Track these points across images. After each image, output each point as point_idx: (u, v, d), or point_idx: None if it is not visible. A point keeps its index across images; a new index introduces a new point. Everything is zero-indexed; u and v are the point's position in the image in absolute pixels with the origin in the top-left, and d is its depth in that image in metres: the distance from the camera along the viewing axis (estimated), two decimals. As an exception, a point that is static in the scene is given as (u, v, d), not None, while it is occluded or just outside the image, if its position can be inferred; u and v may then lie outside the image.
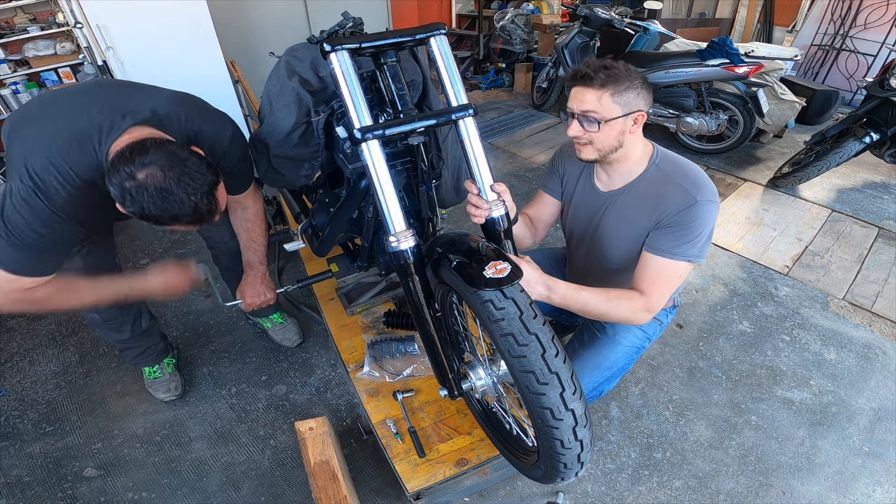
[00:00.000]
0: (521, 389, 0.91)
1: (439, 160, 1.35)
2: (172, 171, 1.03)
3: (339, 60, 0.98)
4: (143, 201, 1.02)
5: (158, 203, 1.03)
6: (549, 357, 0.88)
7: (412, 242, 1.03)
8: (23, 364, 2.11)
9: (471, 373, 1.22)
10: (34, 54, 3.24)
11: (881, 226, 2.93)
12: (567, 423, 0.89)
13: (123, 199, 1.03)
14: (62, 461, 1.72)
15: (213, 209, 1.12)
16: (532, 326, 0.89)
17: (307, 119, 1.30)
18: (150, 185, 1.01)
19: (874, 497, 1.59)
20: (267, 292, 1.66)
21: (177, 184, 1.03)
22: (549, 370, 0.87)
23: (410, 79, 1.29)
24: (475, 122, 1.08)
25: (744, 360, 2.06)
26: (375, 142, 0.99)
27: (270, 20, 4.32)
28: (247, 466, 1.70)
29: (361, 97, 0.99)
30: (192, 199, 1.05)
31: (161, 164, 1.03)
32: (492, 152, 3.95)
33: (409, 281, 1.07)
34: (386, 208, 1.02)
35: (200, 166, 1.08)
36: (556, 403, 0.87)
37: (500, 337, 0.89)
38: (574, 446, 0.91)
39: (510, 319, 0.89)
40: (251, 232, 1.59)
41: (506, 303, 0.90)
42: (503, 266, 0.92)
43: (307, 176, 1.43)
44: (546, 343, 0.88)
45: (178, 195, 1.03)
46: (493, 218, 1.11)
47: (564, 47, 3.97)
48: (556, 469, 0.97)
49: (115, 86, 1.36)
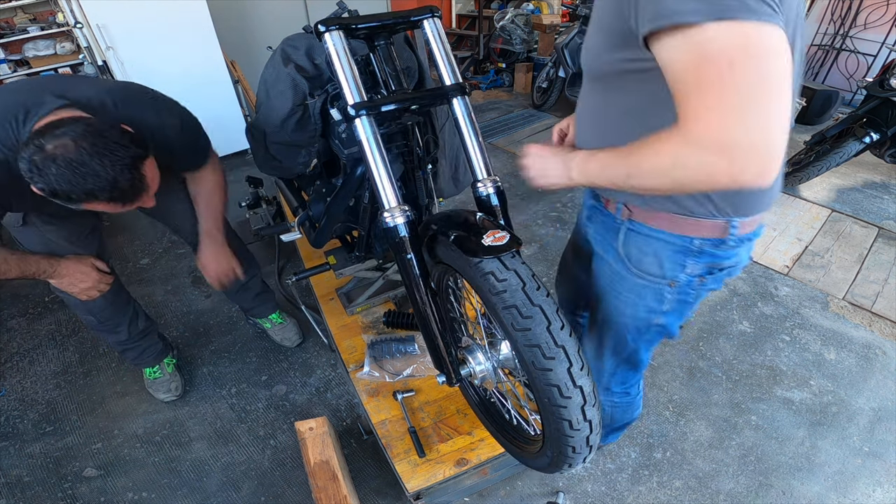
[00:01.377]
0: (526, 367, 0.88)
1: (435, 145, 1.36)
2: (86, 141, 0.94)
3: (333, 40, 1.01)
4: (51, 174, 0.93)
5: (67, 176, 0.93)
6: (554, 330, 0.85)
7: (407, 217, 1.04)
8: (23, 364, 2.11)
9: (469, 357, 1.18)
10: (34, 54, 3.25)
11: (881, 226, 2.93)
12: (576, 401, 0.86)
13: (31, 175, 0.94)
14: (62, 461, 1.72)
15: (138, 186, 1.03)
16: (536, 298, 0.86)
17: (303, 103, 1.32)
18: (59, 157, 0.92)
19: (874, 497, 1.59)
20: (231, 260, 1.61)
21: (91, 156, 0.94)
22: (554, 343, 0.85)
23: (405, 66, 1.32)
24: (468, 102, 1.11)
25: (744, 360, 2.06)
26: (369, 118, 1.01)
27: (270, 20, 4.32)
28: (247, 466, 1.70)
29: (355, 74, 1.02)
30: (110, 173, 0.96)
31: (74, 136, 0.94)
32: (492, 152, 3.95)
33: (404, 257, 1.07)
34: (379, 183, 1.03)
35: (122, 138, 0.99)
36: (564, 380, 0.85)
37: (503, 310, 0.86)
38: (583, 427, 0.88)
39: (512, 291, 0.86)
40: (209, 200, 1.54)
41: (507, 274, 0.87)
42: (501, 234, 0.91)
43: (304, 163, 1.44)
44: (551, 315, 0.86)
45: (91, 167, 0.94)
46: (487, 194, 1.12)
47: (564, 47, 3.97)
48: (565, 454, 0.94)
49: (59, 77, 1.34)
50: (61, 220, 1.45)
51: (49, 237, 1.44)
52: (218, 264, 1.61)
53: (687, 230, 0.87)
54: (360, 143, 1.02)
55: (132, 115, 1.19)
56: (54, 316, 2.35)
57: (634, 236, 0.94)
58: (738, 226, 0.85)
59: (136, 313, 1.75)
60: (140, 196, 1.07)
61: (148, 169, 1.06)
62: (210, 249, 1.60)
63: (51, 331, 2.27)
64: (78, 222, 1.50)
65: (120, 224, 3.06)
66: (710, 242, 0.88)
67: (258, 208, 2.48)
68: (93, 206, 1.03)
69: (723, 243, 0.87)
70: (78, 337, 2.24)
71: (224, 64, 3.28)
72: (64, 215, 1.45)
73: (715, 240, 0.87)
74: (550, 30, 5.07)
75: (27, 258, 1.37)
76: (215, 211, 1.58)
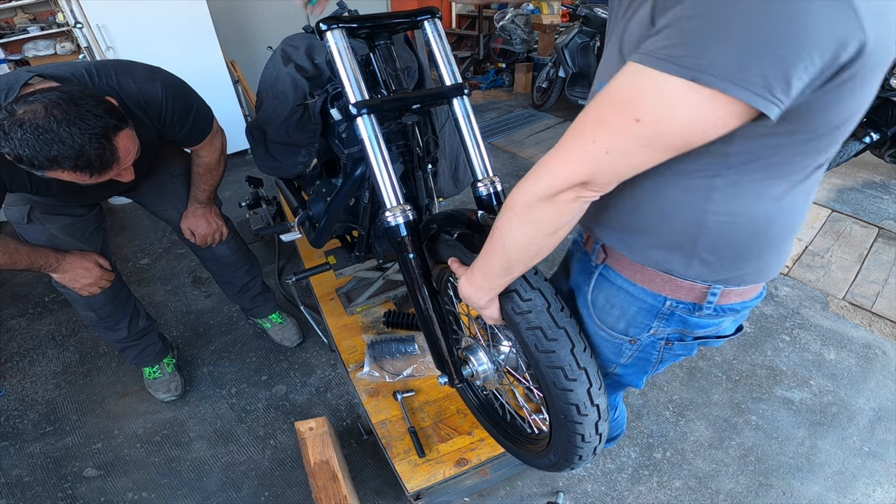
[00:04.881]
0: (545, 385, 0.89)
1: (435, 145, 1.37)
2: (57, 108, 0.92)
3: (335, 38, 1.01)
4: (16, 139, 0.91)
5: (31, 141, 0.92)
6: (577, 352, 0.85)
7: (408, 216, 1.04)
8: (23, 364, 2.11)
9: (472, 357, 1.18)
10: (34, 54, 3.25)
11: (881, 226, 2.93)
12: (591, 418, 0.88)
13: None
14: (62, 461, 1.72)
15: (108, 157, 1.01)
16: (561, 320, 0.85)
17: (303, 103, 1.32)
18: (26, 122, 0.91)
19: (874, 497, 1.59)
20: (217, 220, 1.63)
21: (59, 123, 0.92)
22: (577, 366, 0.85)
23: (406, 66, 1.32)
24: (468, 102, 1.12)
25: (744, 360, 2.06)
26: (370, 116, 1.01)
27: (270, 20, 4.32)
28: (247, 466, 1.70)
29: (357, 73, 1.02)
30: (77, 141, 0.94)
31: (45, 102, 0.92)
32: (492, 152, 3.95)
33: (405, 256, 1.07)
34: (381, 182, 1.03)
35: (96, 108, 0.97)
36: (583, 399, 0.86)
37: (527, 330, 0.85)
38: (594, 440, 0.91)
39: (538, 312, 0.84)
40: (202, 177, 1.57)
41: (532, 293, 0.85)
42: None
43: (304, 163, 1.45)
44: (574, 338, 0.86)
45: (58, 134, 0.92)
46: (487, 193, 1.12)
47: (564, 47, 3.97)
48: (570, 461, 0.96)
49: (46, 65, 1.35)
50: (65, 214, 1.46)
51: (53, 233, 1.45)
52: (207, 225, 1.64)
53: (659, 287, 0.77)
54: (361, 141, 1.02)
55: (112, 84, 1.18)
56: (54, 316, 2.35)
57: (605, 284, 0.85)
58: (718, 294, 0.74)
59: (136, 311, 1.75)
60: (110, 167, 1.04)
61: (122, 141, 1.03)
62: (200, 211, 1.63)
63: (51, 331, 2.27)
64: (82, 218, 1.51)
65: (120, 224, 3.06)
66: (684, 306, 0.77)
67: (258, 208, 2.48)
68: (58, 174, 1.00)
69: (698, 309, 0.77)
70: (78, 337, 2.23)
71: (224, 64, 3.28)
72: (66, 210, 1.46)
73: (689, 304, 0.77)
74: (550, 30, 5.07)
75: (37, 249, 1.39)
76: (208, 186, 1.60)
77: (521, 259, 0.76)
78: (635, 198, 0.72)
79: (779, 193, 0.66)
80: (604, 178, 0.61)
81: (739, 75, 0.49)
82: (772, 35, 0.47)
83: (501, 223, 0.73)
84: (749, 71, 0.49)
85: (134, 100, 1.21)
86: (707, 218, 0.68)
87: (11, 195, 1.34)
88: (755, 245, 0.71)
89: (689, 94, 0.51)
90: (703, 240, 0.70)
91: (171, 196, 1.65)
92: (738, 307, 0.79)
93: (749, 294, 0.78)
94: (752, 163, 0.62)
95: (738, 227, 0.68)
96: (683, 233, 0.70)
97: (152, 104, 1.25)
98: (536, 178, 0.65)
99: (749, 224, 0.68)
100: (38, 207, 1.41)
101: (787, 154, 0.62)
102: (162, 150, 1.51)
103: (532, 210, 0.66)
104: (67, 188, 1.28)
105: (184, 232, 1.67)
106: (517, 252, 0.74)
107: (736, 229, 0.69)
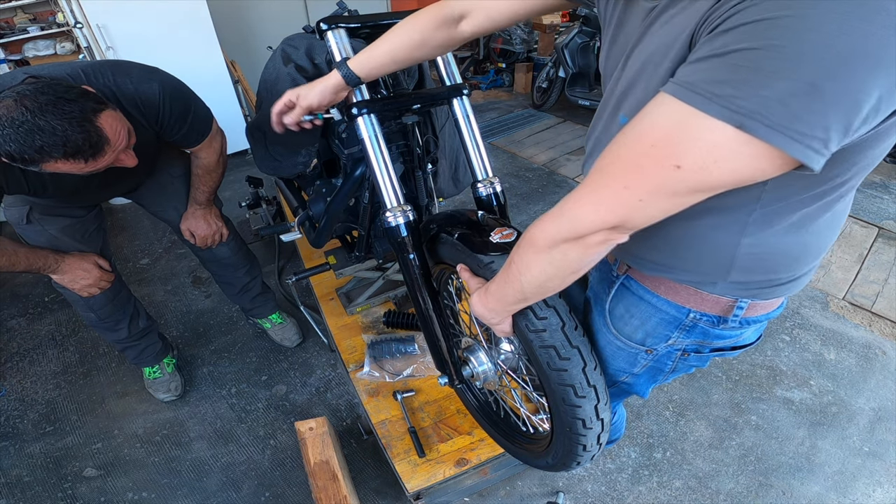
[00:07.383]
0: (552, 399, 0.89)
1: (435, 145, 1.37)
2: (28, 99, 0.92)
3: (335, 38, 1.02)
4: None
5: (12, 135, 0.91)
6: (589, 370, 0.85)
7: (409, 217, 1.04)
8: (23, 364, 2.11)
9: (472, 358, 1.17)
10: (34, 54, 3.25)
11: (881, 226, 2.93)
12: (595, 431, 0.88)
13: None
14: (62, 461, 1.72)
15: (95, 140, 0.99)
16: (574, 339, 0.85)
17: None
18: (2, 118, 0.91)
19: (874, 497, 1.59)
20: (217, 221, 1.64)
21: (33, 113, 0.91)
22: (587, 384, 0.85)
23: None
24: (468, 102, 1.12)
25: (744, 359, 2.06)
26: (370, 116, 1.01)
27: (270, 20, 4.32)
28: (247, 466, 1.70)
29: None
30: (57, 128, 0.93)
31: (14, 96, 0.92)
32: (492, 152, 3.95)
33: (406, 257, 1.07)
34: (382, 182, 1.03)
35: (68, 93, 0.96)
36: (590, 415, 0.86)
37: (540, 348, 0.85)
38: (594, 449, 0.92)
39: (552, 331, 0.83)
40: (201, 179, 1.57)
41: (547, 312, 0.84)
42: (509, 231, 0.90)
43: (304, 163, 1.45)
44: (587, 356, 0.85)
45: (35, 123, 0.92)
46: (487, 194, 1.13)
47: (564, 47, 3.97)
48: (568, 466, 0.98)
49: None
50: (64, 215, 1.46)
51: (53, 234, 1.45)
52: (207, 226, 1.64)
53: (684, 300, 0.75)
54: (361, 141, 1.02)
55: (109, 84, 1.17)
56: (54, 316, 2.35)
57: (626, 294, 0.83)
58: (745, 307, 0.73)
59: (136, 311, 1.75)
60: (102, 150, 1.02)
61: (105, 121, 1.01)
62: (199, 212, 1.64)
63: (51, 331, 2.27)
64: (82, 219, 1.51)
65: (120, 224, 3.06)
66: (708, 319, 0.75)
67: (258, 208, 2.48)
68: (54, 165, 0.98)
69: (722, 322, 0.75)
70: (78, 337, 2.24)
71: (224, 64, 3.28)
72: (65, 211, 1.46)
73: (714, 317, 0.75)
74: (550, 30, 5.07)
75: (36, 251, 1.39)
76: (207, 188, 1.60)
77: (537, 294, 0.74)
78: (665, 232, 0.68)
79: (814, 214, 0.63)
80: (636, 223, 0.57)
81: (798, 126, 0.42)
82: (847, 77, 0.39)
83: (519, 258, 0.70)
84: (809, 122, 0.41)
85: (131, 100, 1.20)
86: (740, 250, 0.66)
87: (10, 197, 1.34)
88: (788, 266, 0.69)
89: (736, 143, 0.45)
90: (736, 267, 0.68)
91: (171, 197, 1.65)
92: (763, 318, 0.77)
93: (773, 305, 0.76)
94: (789, 198, 0.60)
95: (772, 254, 0.67)
96: (716, 265, 0.69)
97: (149, 105, 1.24)
98: (561, 218, 0.60)
99: (784, 250, 0.67)
100: (38, 208, 1.41)
101: (826, 185, 0.59)
102: (161, 150, 1.51)
103: (554, 250, 0.63)
104: (66, 188, 1.29)
105: (183, 233, 1.68)
106: (533, 288, 0.71)
107: (770, 257, 0.67)
